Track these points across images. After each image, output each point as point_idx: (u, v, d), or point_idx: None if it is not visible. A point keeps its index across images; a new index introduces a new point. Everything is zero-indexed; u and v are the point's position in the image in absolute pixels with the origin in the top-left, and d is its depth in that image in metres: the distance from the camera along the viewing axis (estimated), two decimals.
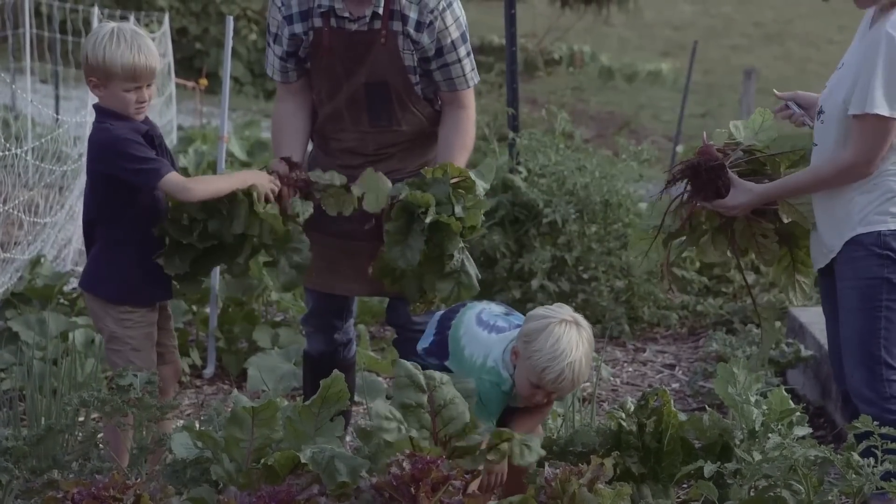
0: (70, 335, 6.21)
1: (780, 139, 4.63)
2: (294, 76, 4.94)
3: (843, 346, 4.35)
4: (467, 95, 4.98)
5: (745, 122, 4.70)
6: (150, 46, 4.65)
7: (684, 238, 4.70)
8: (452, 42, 4.86)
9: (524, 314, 4.33)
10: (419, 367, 4.01)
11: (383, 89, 4.85)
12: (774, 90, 4.81)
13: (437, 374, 4.00)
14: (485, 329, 4.32)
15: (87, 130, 8.77)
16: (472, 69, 4.96)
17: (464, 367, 4.25)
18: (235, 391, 4.58)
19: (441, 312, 4.51)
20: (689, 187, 4.56)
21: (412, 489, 3.62)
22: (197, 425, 5.37)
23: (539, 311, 4.23)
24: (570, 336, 4.11)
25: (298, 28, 4.82)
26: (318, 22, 4.81)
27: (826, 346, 6.06)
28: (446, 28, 4.83)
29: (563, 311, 4.19)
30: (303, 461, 3.95)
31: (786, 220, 4.54)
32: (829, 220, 4.34)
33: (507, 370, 4.22)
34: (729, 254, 4.69)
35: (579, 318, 4.19)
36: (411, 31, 4.80)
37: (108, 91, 4.63)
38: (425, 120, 4.96)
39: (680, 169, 4.58)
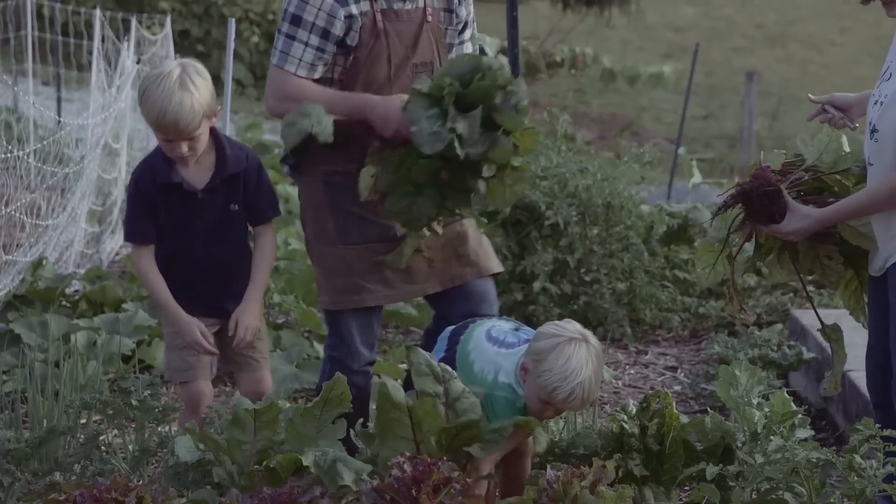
0: (72, 337, 6.22)
1: (844, 157, 4.41)
2: (320, 71, 4.76)
3: (894, 358, 4.25)
4: None
5: (810, 138, 4.47)
6: (192, 102, 4.59)
7: (749, 255, 4.57)
8: (473, 15, 4.93)
9: (529, 322, 4.34)
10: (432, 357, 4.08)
11: (429, 70, 4.80)
12: (810, 95, 4.62)
13: (449, 368, 4.05)
14: (494, 345, 4.31)
15: (89, 133, 8.78)
16: None
17: (474, 384, 4.24)
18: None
19: (451, 328, 4.48)
20: (742, 212, 4.41)
21: (413, 491, 3.62)
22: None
23: (548, 328, 4.21)
24: (580, 355, 4.10)
25: (355, 9, 4.69)
26: (364, 6, 4.71)
27: (828, 349, 6.07)
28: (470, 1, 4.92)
29: (572, 327, 4.19)
30: (305, 464, 3.96)
31: (851, 242, 4.37)
32: (885, 229, 4.19)
33: (519, 386, 4.22)
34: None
35: (588, 334, 4.18)
36: (455, 3, 4.82)
37: None
38: None
39: (732, 194, 4.38)
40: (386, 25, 4.74)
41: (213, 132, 4.70)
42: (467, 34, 4.94)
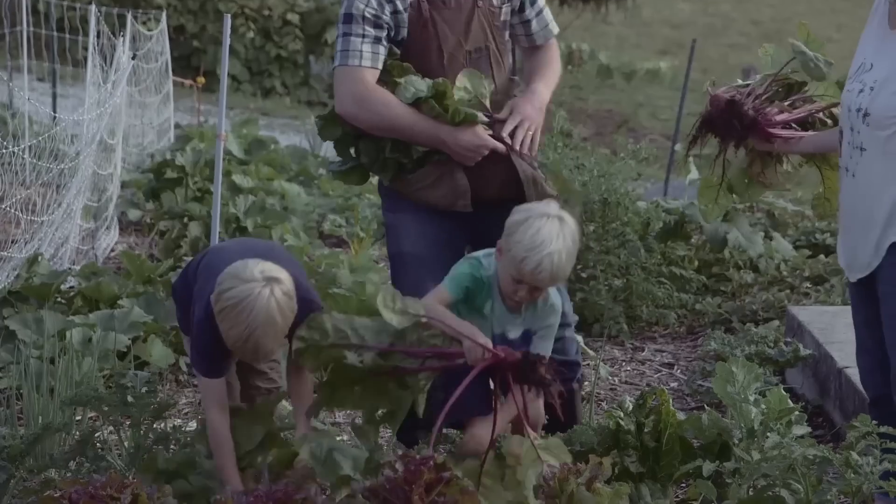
0: (67, 334, 6.20)
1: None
2: (383, 62, 4.74)
3: (890, 350, 4.28)
4: (555, 45, 5.04)
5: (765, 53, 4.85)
6: (274, 331, 4.09)
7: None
8: None
9: None
10: None
11: (484, 55, 4.80)
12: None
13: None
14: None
15: (84, 128, 8.77)
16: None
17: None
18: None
19: None
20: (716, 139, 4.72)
21: (406, 490, 3.61)
22: (195, 424, 5.38)
23: (524, 205, 4.28)
24: (550, 228, 4.13)
25: (400, 4, 4.71)
26: None
27: (824, 346, 6.08)
28: None
29: (548, 206, 4.22)
30: (301, 456, 3.95)
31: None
32: (868, 227, 4.26)
33: (491, 267, 4.29)
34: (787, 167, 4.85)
35: (565, 214, 4.20)
36: None
37: None
38: (513, 94, 4.91)
39: (697, 126, 4.71)
40: (433, 14, 4.73)
41: None
42: (530, 13, 4.92)
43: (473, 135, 4.66)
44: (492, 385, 4.23)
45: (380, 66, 4.72)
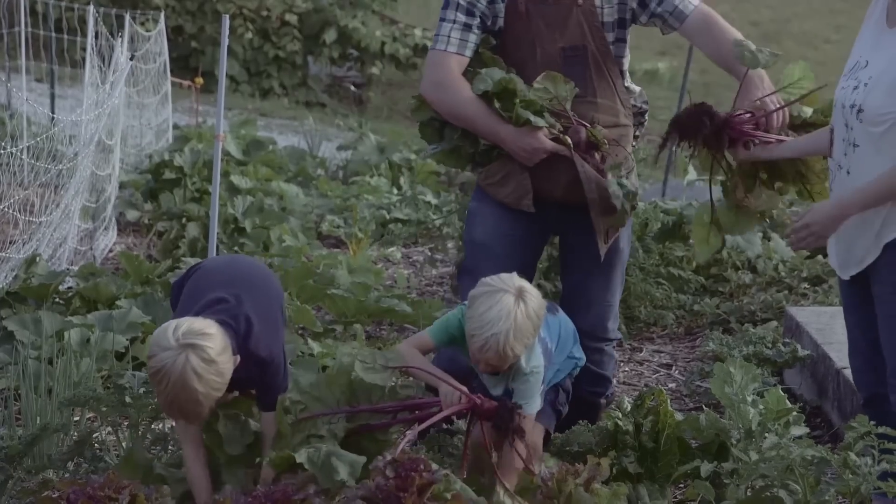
0: (65, 334, 6.20)
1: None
2: (471, 49, 4.79)
3: (886, 351, 4.28)
4: (704, 9, 4.93)
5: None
6: (196, 397, 4.01)
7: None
8: None
9: None
10: None
11: (580, 54, 4.79)
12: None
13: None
14: None
15: (83, 129, 8.76)
16: None
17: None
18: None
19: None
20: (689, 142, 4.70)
21: (400, 497, 3.61)
22: None
23: (489, 278, 4.22)
24: (502, 307, 4.08)
25: None
26: None
27: (822, 347, 6.08)
28: None
29: (510, 281, 4.17)
30: (298, 461, 3.95)
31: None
32: (862, 226, 4.26)
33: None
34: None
35: (527, 289, 4.15)
36: None
37: None
38: (618, 98, 4.87)
39: (667, 131, 4.71)
40: (530, 8, 4.74)
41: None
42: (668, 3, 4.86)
43: (533, 137, 4.66)
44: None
45: (468, 53, 4.77)
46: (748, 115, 4.69)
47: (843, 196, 4.29)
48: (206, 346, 3.99)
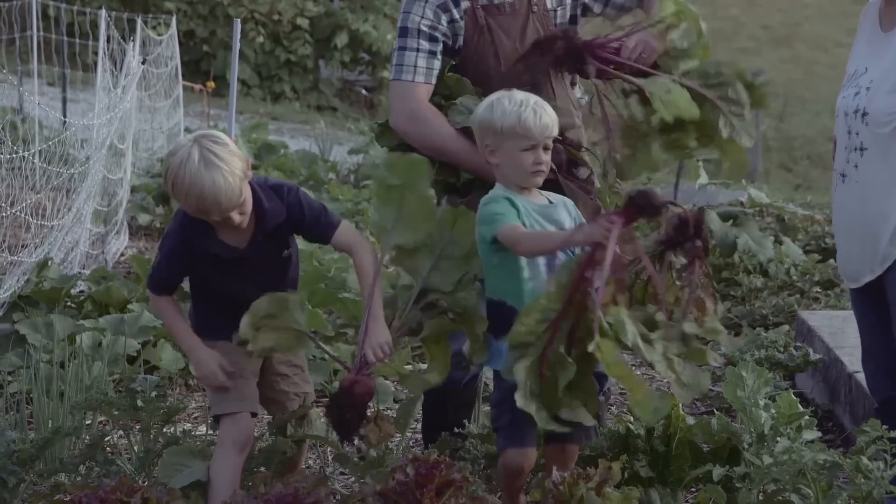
0: (77, 338, 6.21)
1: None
2: (437, 75, 4.72)
3: None
4: None
5: None
6: (223, 177, 4.13)
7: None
8: None
9: None
10: None
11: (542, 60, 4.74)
12: None
13: None
14: None
15: (94, 133, 8.78)
16: None
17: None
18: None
19: None
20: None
21: (417, 494, 3.61)
22: (204, 428, 5.39)
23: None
24: (515, 92, 4.19)
25: (456, 13, 4.69)
26: (465, 4, 4.69)
27: (834, 351, 6.07)
28: None
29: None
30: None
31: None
32: (876, 225, 4.25)
33: (502, 190, 4.20)
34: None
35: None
36: None
37: None
38: (570, 98, 4.82)
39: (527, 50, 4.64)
40: (489, 21, 4.71)
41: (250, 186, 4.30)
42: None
43: None
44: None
45: (434, 80, 4.69)
46: (615, 41, 4.63)
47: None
48: (215, 134, 4.20)
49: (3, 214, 6.81)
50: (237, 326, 4.20)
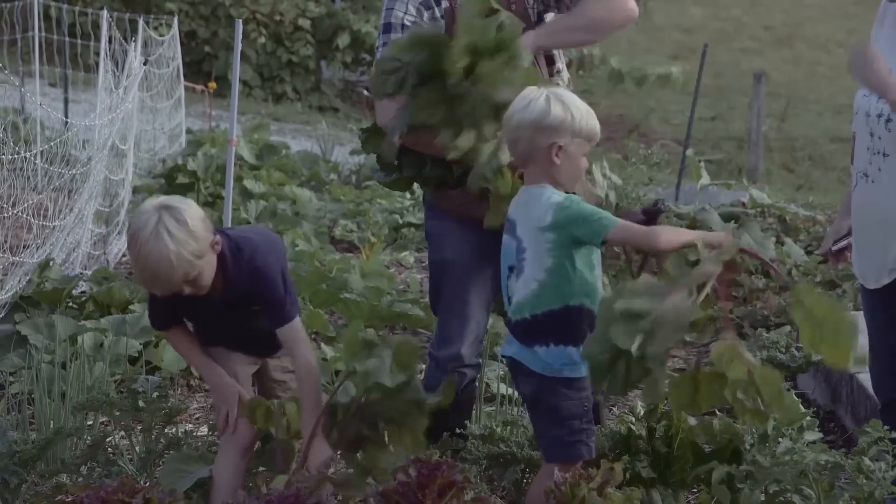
0: (79, 339, 6.21)
1: None
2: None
3: None
4: None
5: None
6: (168, 255, 4.01)
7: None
8: None
9: None
10: None
11: None
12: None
13: None
14: None
15: (96, 133, 8.78)
16: None
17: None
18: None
19: None
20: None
21: (419, 495, 3.61)
22: (206, 429, 5.39)
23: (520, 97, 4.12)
24: (566, 91, 4.15)
25: (437, 12, 4.69)
26: (445, 4, 4.69)
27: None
28: None
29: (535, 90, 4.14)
30: None
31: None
32: (890, 234, 4.25)
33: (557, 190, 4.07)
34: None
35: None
36: None
37: None
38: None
39: None
40: None
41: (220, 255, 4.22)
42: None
43: None
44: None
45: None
46: None
47: None
48: (181, 208, 4.06)
49: (5, 215, 6.82)
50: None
